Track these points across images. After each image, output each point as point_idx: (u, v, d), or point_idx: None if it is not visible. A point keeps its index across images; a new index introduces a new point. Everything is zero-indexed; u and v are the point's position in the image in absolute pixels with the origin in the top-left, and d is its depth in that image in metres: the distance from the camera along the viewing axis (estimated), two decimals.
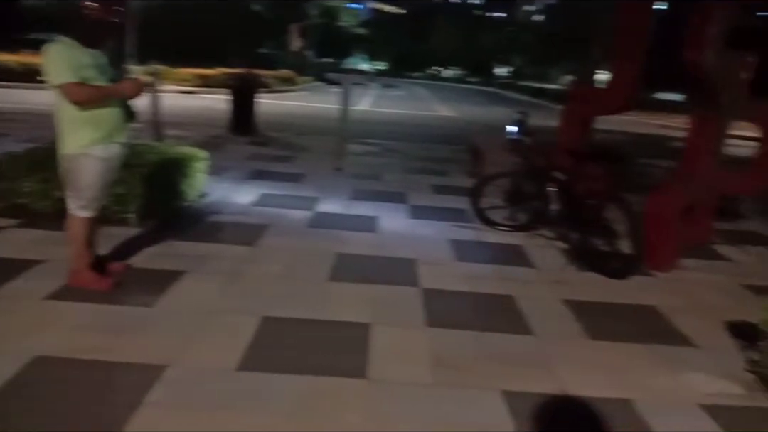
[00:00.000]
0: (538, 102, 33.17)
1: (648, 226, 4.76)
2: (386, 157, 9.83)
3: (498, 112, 23.98)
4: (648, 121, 23.53)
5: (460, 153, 10.70)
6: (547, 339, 3.50)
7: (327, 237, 5.11)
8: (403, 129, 15.15)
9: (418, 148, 11.08)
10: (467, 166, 9.25)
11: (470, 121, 19.11)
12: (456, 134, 14.18)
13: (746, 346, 3.51)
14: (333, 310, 3.63)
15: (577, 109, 6.42)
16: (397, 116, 19.20)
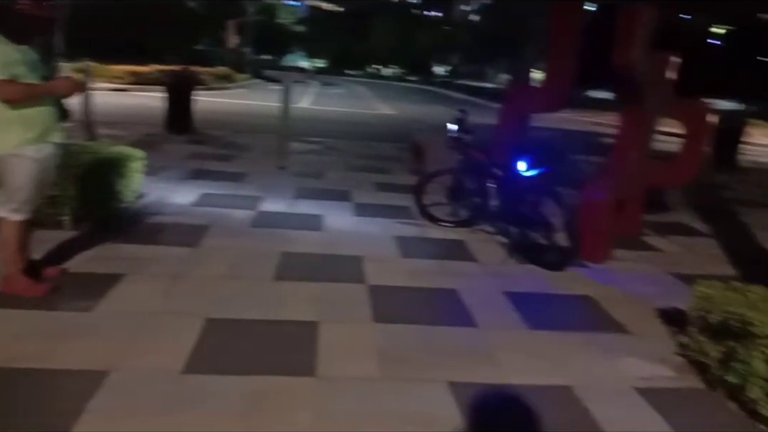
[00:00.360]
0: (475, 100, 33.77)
1: (582, 219, 4.96)
2: (329, 155, 9.82)
3: (437, 111, 24.28)
4: (581, 119, 24.37)
5: (401, 151, 10.79)
6: (490, 330, 3.61)
7: (271, 236, 5.07)
8: (344, 127, 15.13)
9: (360, 146, 11.11)
10: (409, 164, 9.34)
11: (411, 119, 19.28)
12: (397, 132, 14.28)
13: (676, 331, 3.72)
14: (279, 309, 3.62)
15: (514, 107, 6.59)
16: (338, 114, 19.17)
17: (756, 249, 6.24)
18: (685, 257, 5.64)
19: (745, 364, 2.86)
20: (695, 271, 5.09)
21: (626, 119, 5.40)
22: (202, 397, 2.65)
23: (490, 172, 5.52)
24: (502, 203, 5.43)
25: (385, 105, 26.11)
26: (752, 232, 6.93)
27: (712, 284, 3.39)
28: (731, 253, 5.89)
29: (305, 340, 3.25)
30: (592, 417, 2.76)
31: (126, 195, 5.34)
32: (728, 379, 2.96)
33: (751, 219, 7.64)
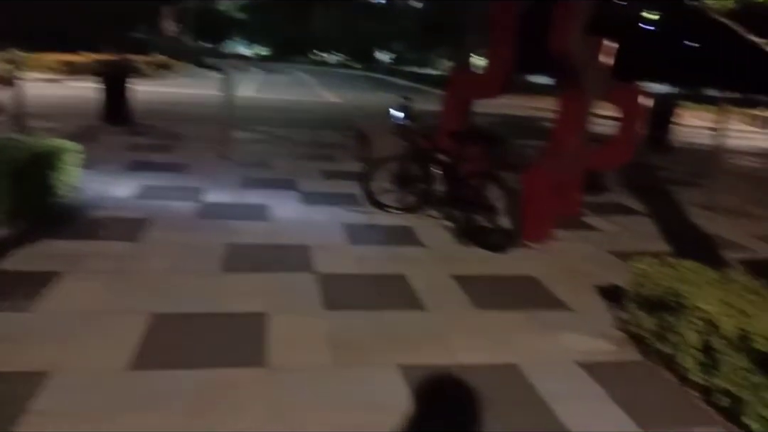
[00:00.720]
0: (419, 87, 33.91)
1: (524, 201, 5.09)
2: (273, 143, 9.70)
3: (382, 98, 24.27)
4: (521, 104, 24.83)
5: (347, 138, 10.77)
6: (439, 313, 3.67)
7: (217, 228, 4.99)
8: (288, 115, 14.96)
9: (305, 134, 11.02)
10: (356, 151, 9.33)
11: (356, 106, 19.22)
12: (342, 120, 14.21)
13: (614, 306, 3.88)
14: (227, 301, 3.58)
15: (456, 94, 6.67)
16: (282, 102, 18.92)
17: (687, 225, 6.55)
18: (622, 235, 5.87)
19: (678, 335, 3.01)
20: (631, 248, 5.31)
21: (565, 103, 5.55)
22: (150, 394, 2.60)
23: (435, 158, 5.59)
24: (448, 188, 5.51)
25: (330, 92, 25.93)
26: (684, 210, 7.26)
27: (647, 261, 3.54)
28: (665, 230, 6.17)
29: (255, 332, 3.23)
30: (537, 392, 2.86)
31: (63, 189, 5.14)
32: (663, 349, 3.11)
33: (683, 197, 8.01)
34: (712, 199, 8.09)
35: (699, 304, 2.92)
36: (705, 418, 2.76)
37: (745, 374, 2.61)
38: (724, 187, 9.28)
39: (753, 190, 9.18)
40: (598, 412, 2.74)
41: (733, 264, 5.02)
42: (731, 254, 5.41)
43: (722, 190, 8.96)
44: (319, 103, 20.43)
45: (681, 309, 3.03)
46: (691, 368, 2.90)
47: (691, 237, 6.05)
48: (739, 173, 10.98)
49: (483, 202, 5.19)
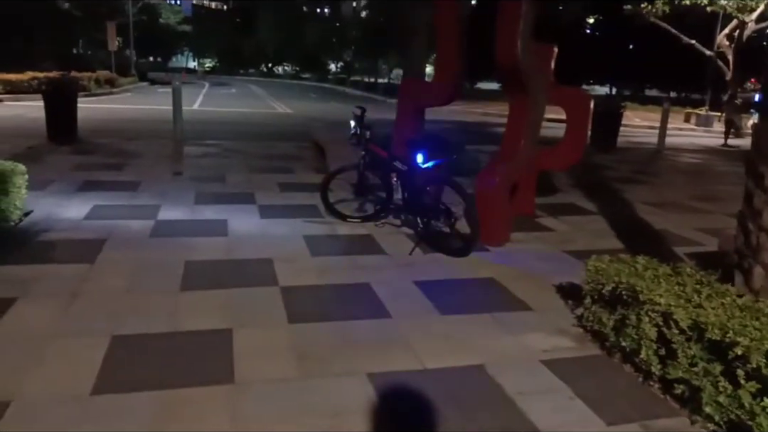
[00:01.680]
0: (371, 96, 34.09)
1: (480, 205, 5.17)
2: (227, 157, 9.57)
3: (334, 108, 24.32)
4: (472, 110, 25.26)
5: (302, 149, 10.74)
6: (403, 319, 3.69)
7: (173, 246, 4.90)
8: (240, 128, 14.81)
9: (259, 147, 10.92)
10: (312, 162, 9.32)
11: (308, 117, 19.18)
12: (295, 131, 14.18)
13: (573, 304, 3.98)
14: (189, 320, 3.51)
15: (408, 102, 6.75)
16: (233, 115, 18.72)
17: (637, 222, 6.77)
18: (576, 235, 6.02)
19: (636, 328, 3.11)
20: (586, 247, 5.46)
21: (514, 108, 5.67)
22: (114, 418, 2.53)
23: (392, 167, 5.63)
24: (405, 196, 5.55)
25: (281, 103, 25.80)
26: (632, 207, 7.51)
27: (602, 258, 3.65)
28: (616, 227, 6.36)
29: (219, 348, 3.18)
30: (505, 391, 2.91)
31: (10, 213, 4.95)
32: (623, 344, 3.20)
33: (630, 194, 8.28)
34: (658, 195, 8.40)
35: (654, 298, 3.02)
36: (666, 409, 2.85)
37: (702, 364, 2.72)
38: (668, 183, 9.66)
39: (694, 184, 9.57)
40: (563, 409, 2.80)
41: (682, 257, 5.22)
42: (680, 248, 5.62)
43: (666, 186, 9.32)
44: (271, 114, 20.30)
45: (637, 303, 3.13)
46: (649, 361, 3.00)
47: (642, 233, 6.26)
48: (680, 169, 11.43)
49: (441, 207, 5.25)
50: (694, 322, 2.78)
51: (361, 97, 32.62)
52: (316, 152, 10.03)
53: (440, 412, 2.71)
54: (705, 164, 12.43)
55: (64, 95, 10.31)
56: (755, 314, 2.81)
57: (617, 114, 13.71)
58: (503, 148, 5.73)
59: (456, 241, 5.21)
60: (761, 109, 3.27)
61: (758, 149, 3.23)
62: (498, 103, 26.33)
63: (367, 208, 6.19)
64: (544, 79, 5.90)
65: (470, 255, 5.00)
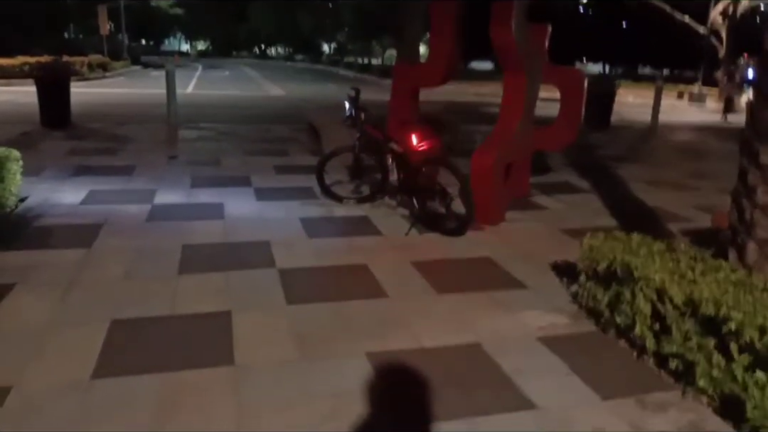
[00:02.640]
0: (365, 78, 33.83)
1: (475, 185, 5.16)
2: (222, 140, 9.52)
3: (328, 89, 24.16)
4: (466, 90, 25.13)
5: (297, 132, 10.68)
6: (401, 299, 3.70)
7: (170, 230, 4.89)
8: (234, 111, 14.71)
9: (254, 130, 10.86)
10: (307, 145, 9.28)
11: (302, 99, 19.05)
12: (290, 113, 14.09)
13: (569, 282, 4.00)
14: (188, 303, 3.51)
15: (402, 84, 6.69)
16: (227, 98, 18.58)
17: (631, 200, 6.78)
18: (571, 213, 6.03)
19: (630, 305, 3.13)
20: (580, 225, 5.47)
21: (509, 88, 5.64)
22: (116, 402, 2.54)
23: (387, 148, 5.60)
24: (401, 177, 5.54)
25: (275, 86, 25.60)
26: (626, 185, 7.52)
27: (597, 236, 3.66)
28: (610, 206, 6.37)
29: (219, 331, 3.19)
30: (502, 369, 2.93)
31: (5, 200, 4.92)
32: (617, 320, 3.23)
33: (624, 172, 8.28)
34: (652, 173, 8.40)
35: (648, 275, 3.04)
36: (661, 384, 2.88)
37: (695, 338, 2.74)
38: (662, 161, 9.67)
39: (688, 162, 9.57)
40: (560, 385, 2.83)
41: (676, 234, 5.24)
42: (674, 225, 5.64)
43: (660, 164, 9.33)
44: (265, 97, 20.15)
45: (631, 280, 3.15)
46: (644, 336, 3.02)
47: (636, 211, 6.28)
48: (674, 147, 11.43)
49: (436, 188, 5.24)
50: (688, 298, 2.80)
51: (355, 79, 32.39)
52: (311, 134, 9.97)
53: (438, 390, 2.73)
54: (699, 141, 12.43)
55: (57, 80, 10.19)
56: (748, 289, 2.82)
57: (611, 92, 13.67)
58: (498, 129, 5.70)
59: (452, 221, 5.21)
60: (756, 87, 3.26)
61: (753, 126, 3.23)
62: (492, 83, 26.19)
63: (363, 190, 6.18)
64: (539, 58, 5.86)
65: (466, 234, 5.00)
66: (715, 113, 17.94)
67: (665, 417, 2.61)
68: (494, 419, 2.54)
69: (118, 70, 28.96)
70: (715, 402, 2.65)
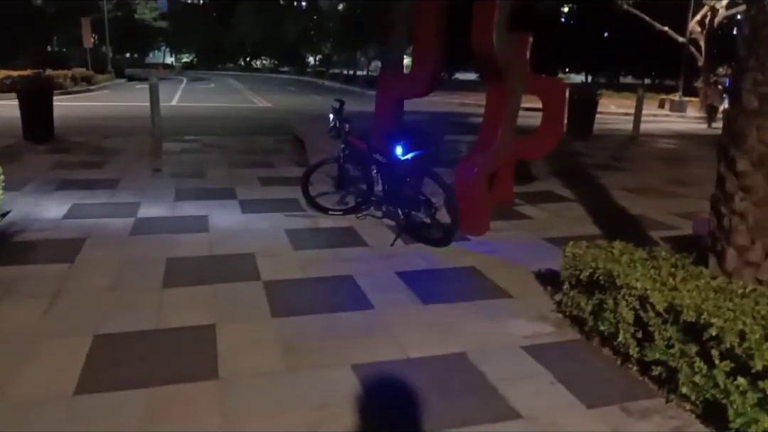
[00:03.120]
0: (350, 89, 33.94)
1: (459, 195, 5.19)
2: (207, 152, 9.49)
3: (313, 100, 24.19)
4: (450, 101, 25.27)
5: (282, 143, 10.68)
6: (386, 310, 3.70)
7: (155, 243, 4.85)
8: (219, 123, 14.68)
9: (238, 142, 10.84)
10: (292, 156, 9.28)
11: (287, 110, 19.06)
12: (275, 125, 14.08)
13: (552, 291, 4.02)
14: (172, 317, 3.48)
15: (387, 94, 6.72)
16: (212, 110, 18.53)
17: (614, 208, 6.84)
18: (554, 222, 6.07)
19: (613, 312, 3.15)
20: (564, 234, 5.50)
21: (491, 98, 5.68)
22: (100, 417, 2.50)
23: (372, 159, 5.61)
24: (386, 187, 5.55)
25: (260, 97, 25.59)
26: (609, 193, 7.59)
27: (579, 244, 3.69)
28: (593, 214, 6.42)
29: (203, 344, 3.16)
30: (487, 378, 2.93)
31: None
32: (601, 328, 3.25)
33: (607, 181, 8.36)
34: (634, 180, 8.49)
35: (631, 282, 3.06)
36: (645, 391, 2.90)
37: (678, 345, 2.76)
38: (644, 168, 9.77)
39: (670, 169, 9.69)
40: (546, 394, 2.83)
41: (658, 242, 5.29)
42: (656, 233, 5.70)
43: (642, 171, 9.43)
44: (250, 108, 20.13)
45: (614, 288, 3.17)
46: (627, 344, 3.04)
47: (618, 219, 6.33)
48: (656, 155, 11.56)
49: (421, 198, 5.25)
50: (670, 305, 2.82)
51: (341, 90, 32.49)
52: (296, 146, 9.98)
53: (424, 400, 2.73)
54: (680, 149, 12.59)
55: (40, 94, 10.12)
56: (729, 295, 2.86)
57: (593, 101, 13.82)
58: (481, 138, 5.74)
59: (437, 231, 5.22)
60: (731, 95, 3.31)
61: (729, 133, 3.27)
62: (476, 94, 26.39)
63: (348, 201, 6.18)
64: (521, 68, 5.91)
65: (451, 245, 5.02)
66: (696, 121, 18.19)
67: (649, 424, 2.63)
68: (480, 429, 2.54)
69: (103, 83, 28.81)
70: (698, 408, 2.67)
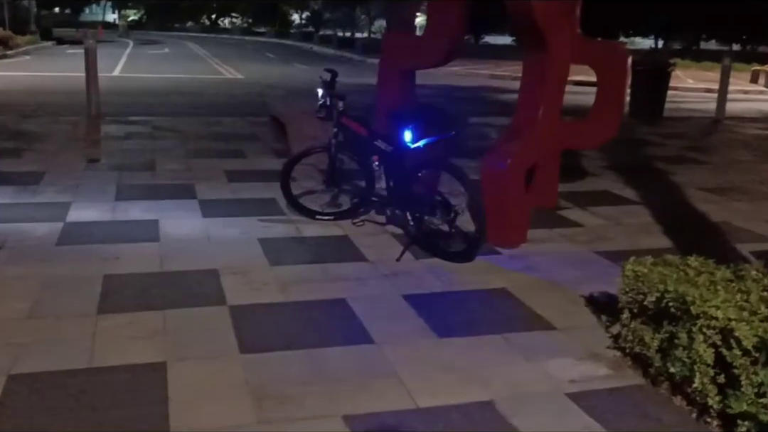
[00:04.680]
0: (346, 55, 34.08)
1: (487, 195, 5.18)
2: (159, 138, 9.55)
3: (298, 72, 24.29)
4: (477, 72, 25.33)
5: (257, 126, 10.73)
6: (390, 345, 3.70)
7: (89, 255, 4.88)
8: (176, 99, 14.76)
9: (200, 124, 10.90)
10: (270, 143, 9.31)
11: (264, 84, 19.13)
12: (248, 102, 14.15)
13: (608, 321, 4.01)
14: (110, 352, 3.49)
15: (394, 62, 6.73)
16: (166, 83, 18.62)
17: (688, 213, 6.83)
18: (611, 231, 6.07)
19: (687, 350, 3.14)
20: (624, 246, 5.50)
21: (530, 69, 5.68)
22: None
23: (373, 147, 5.63)
24: (391, 184, 5.56)
25: (229, 66, 25.72)
26: (683, 194, 7.58)
27: (644, 260, 3.68)
28: (663, 220, 6.42)
29: (150, 389, 3.17)
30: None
31: None
32: (671, 369, 3.24)
33: (680, 178, 8.35)
34: (717, 178, 8.47)
35: (710, 311, 3.05)
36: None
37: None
38: (731, 162, 9.75)
39: (763, 164, 9.67)
40: None
41: (747, 258, 5.27)
42: (745, 245, 5.69)
43: (727, 166, 9.41)
44: (216, 81, 20.23)
45: (688, 318, 3.16)
46: (705, 391, 3.03)
47: (695, 227, 6.33)
48: (746, 144, 11.54)
49: (437, 199, 5.25)
50: (762, 341, 2.82)
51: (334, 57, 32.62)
52: (275, 130, 10.00)
53: None
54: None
55: None
56: None
57: (664, 74, 13.80)
58: (517, 121, 5.74)
59: (457, 242, 5.23)
60: None
61: None
62: (510, 63, 26.41)
63: (341, 202, 6.19)
64: (569, 30, 5.91)
65: (475, 260, 5.02)
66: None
67: None
68: None
69: (24, 46, 29.00)
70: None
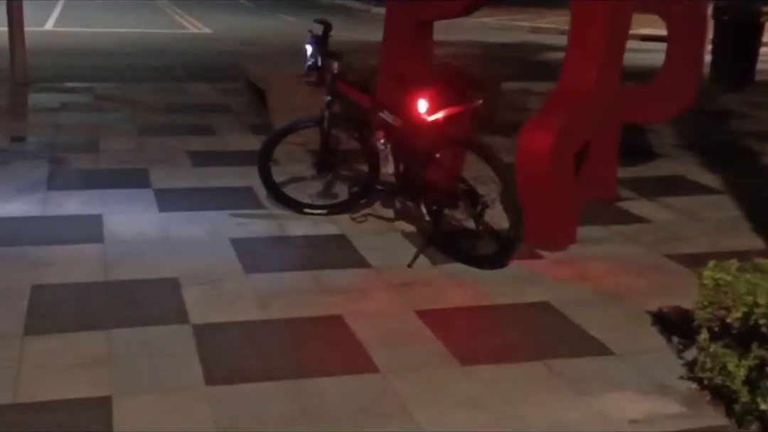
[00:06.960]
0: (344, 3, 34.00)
1: (525, 182, 5.16)
2: (103, 111, 9.58)
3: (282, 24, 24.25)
4: (511, 23, 25.26)
5: (229, 95, 10.72)
6: (399, 375, 3.70)
7: (12, 260, 4.91)
8: (125, 60, 14.78)
9: (157, 92, 10.91)
10: (245, 116, 9.31)
11: (240, 40, 19.12)
12: (218, 64, 14.15)
13: (681, 343, 4.00)
14: (40, 384, 3.51)
15: (404, 13, 6.73)
16: (113, 39, 18.63)
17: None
18: (685, 228, 6.05)
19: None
20: (701, 248, 5.49)
21: (580, 19, 5.66)
22: None
23: (378, 120, 5.62)
24: (401, 169, 5.55)
25: (193, 18, 25.70)
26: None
27: (727, 266, 3.66)
28: (753, 214, 6.38)
29: (91, 429, 3.18)
30: None
31: None
32: (762, 406, 3.23)
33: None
34: None
35: None
36: None
37: None
38: None
39: None
40: None
41: None
42: None
43: None
44: (177, 36, 20.24)
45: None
46: None
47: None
48: None
49: (459, 187, 5.24)
50: None
51: (329, 6, 32.55)
52: (253, 99, 10.01)
53: None
54: None
55: None
56: None
57: (755, 26, 13.73)
58: (563, 87, 5.73)
59: (486, 243, 5.22)
60: None
61: None
62: (558, 12, 26.35)
63: (337, 192, 6.19)
64: None
65: (510, 265, 5.02)
66: None
67: None
68: None
69: None
70: None
